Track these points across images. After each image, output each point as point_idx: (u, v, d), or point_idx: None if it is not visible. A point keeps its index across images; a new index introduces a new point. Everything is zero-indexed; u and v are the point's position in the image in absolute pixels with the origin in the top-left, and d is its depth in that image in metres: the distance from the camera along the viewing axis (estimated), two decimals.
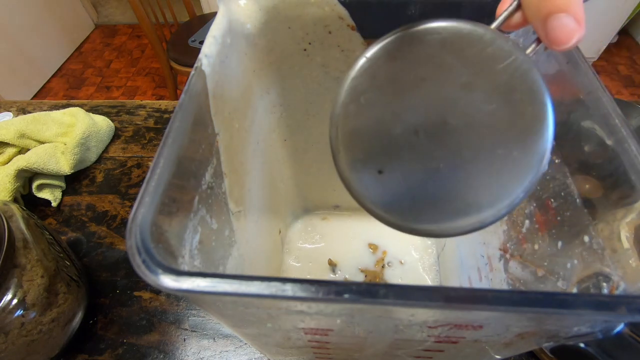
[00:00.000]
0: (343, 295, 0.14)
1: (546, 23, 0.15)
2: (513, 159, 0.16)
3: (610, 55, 1.82)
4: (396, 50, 0.17)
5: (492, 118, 0.16)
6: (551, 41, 0.15)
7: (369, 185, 0.18)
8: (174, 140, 0.18)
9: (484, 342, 0.19)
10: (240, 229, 0.29)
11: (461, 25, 0.16)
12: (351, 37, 0.30)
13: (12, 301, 0.31)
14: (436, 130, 0.17)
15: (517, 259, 0.26)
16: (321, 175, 0.45)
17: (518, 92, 0.16)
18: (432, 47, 0.17)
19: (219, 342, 0.39)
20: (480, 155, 0.16)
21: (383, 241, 0.47)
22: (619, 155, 0.18)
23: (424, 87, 0.17)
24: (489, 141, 0.16)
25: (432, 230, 0.17)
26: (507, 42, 0.16)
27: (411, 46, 0.17)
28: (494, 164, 0.16)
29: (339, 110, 0.18)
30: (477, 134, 0.16)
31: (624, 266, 0.17)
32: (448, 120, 0.17)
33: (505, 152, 0.16)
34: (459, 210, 0.17)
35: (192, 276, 0.14)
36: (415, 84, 0.17)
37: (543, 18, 0.15)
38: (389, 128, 0.17)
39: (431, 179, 0.17)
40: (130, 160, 0.57)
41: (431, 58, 0.17)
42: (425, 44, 0.17)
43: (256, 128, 0.33)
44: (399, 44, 0.17)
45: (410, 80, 0.17)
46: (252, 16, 0.29)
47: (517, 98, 0.16)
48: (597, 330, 0.17)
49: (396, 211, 0.17)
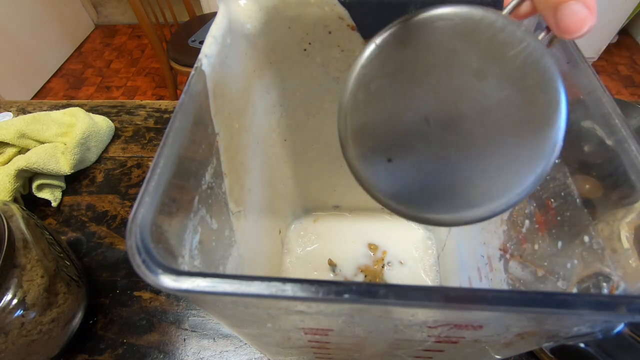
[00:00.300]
0: (343, 295, 0.14)
1: (556, 11, 0.15)
2: (525, 147, 0.16)
3: (610, 55, 1.82)
4: (406, 37, 0.17)
5: (504, 105, 0.16)
6: (562, 30, 0.15)
7: (379, 174, 0.17)
8: (174, 140, 0.18)
9: (484, 342, 0.19)
10: (240, 229, 0.29)
11: (473, 11, 0.16)
12: (351, 37, 0.30)
13: (12, 301, 0.31)
14: (447, 118, 0.17)
15: (517, 259, 0.26)
16: (321, 175, 0.45)
17: (530, 79, 0.16)
18: (442, 33, 0.16)
19: (219, 342, 0.39)
20: (492, 143, 0.16)
21: (383, 241, 0.47)
22: (619, 155, 0.18)
23: (434, 74, 0.17)
24: (501, 129, 0.16)
25: (443, 219, 0.17)
26: (519, 29, 0.16)
27: (421, 32, 0.16)
28: (506, 152, 0.16)
29: (348, 98, 0.17)
30: (489, 121, 0.16)
31: (624, 266, 0.17)
32: (459, 108, 0.16)
33: (518, 140, 0.16)
34: (470, 199, 0.16)
35: (192, 276, 0.14)
36: (426, 71, 0.17)
37: (553, 6, 0.15)
38: (399, 116, 0.17)
39: (442, 167, 0.17)
40: (130, 160, 0.57)
41: (442, 44, 0.16)
42: (435, 30, 0.16)
43: (256, 128, 0.33)
44: (409, 30, 0.17)
45: (420, 67, 0.17)
46: (252, 16, 0.29)
47: (530, 85, 0.16)
48: (597, 330, 0.17)
49: (406, 200, 0.17)
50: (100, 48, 2.08)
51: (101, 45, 2.10)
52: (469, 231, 0.35)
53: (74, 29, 2.05)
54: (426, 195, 0.17)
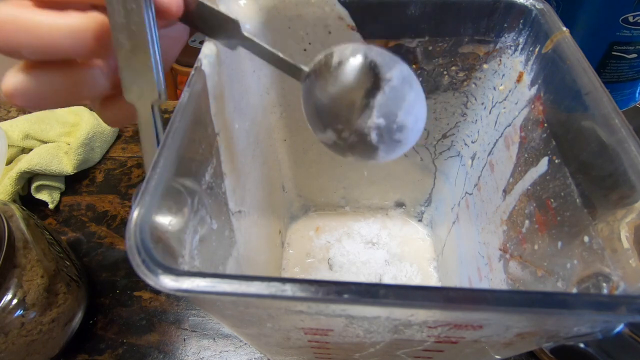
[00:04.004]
0: (343, 295, 0.14)
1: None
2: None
3: None
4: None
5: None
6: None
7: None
8: (174, 140, 0.18)
9: (483, 342, 0.19)
10: (240, 229, 0.29)
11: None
12: (351, 38, 0.30)
13: (12, 301, 0.31)
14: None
15: (517, 259, 0.26)
16: (321, 175, 0.45)
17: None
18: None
19: (219, 342, 0.39)
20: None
21: (383, 241, 0.47)
22: (619, 155, 0.18)
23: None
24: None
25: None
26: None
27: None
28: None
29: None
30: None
31: (624, 266, 0.17)
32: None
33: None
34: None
35: (192, 276, 0.14)
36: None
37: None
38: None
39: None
40: (130, 160, 0.57)
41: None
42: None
43: (256, 128, 0.33)
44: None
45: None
46: (252, 16, 0.29)
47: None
48: (597, 330, 0.17)
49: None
50: None
51: None
52: (469, 231, 0.35)
53: None
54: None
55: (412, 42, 0.30)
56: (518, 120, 0.28)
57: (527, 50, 0.28)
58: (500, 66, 0.30)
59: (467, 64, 0.31)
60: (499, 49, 0.30)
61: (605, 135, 0.19)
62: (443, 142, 0.39)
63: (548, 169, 0.24)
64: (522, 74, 0.28)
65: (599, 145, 0.19)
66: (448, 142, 0.38)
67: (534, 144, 0.26)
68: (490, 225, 0.31)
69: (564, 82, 0.23)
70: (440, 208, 0.45)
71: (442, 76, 0.33)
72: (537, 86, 0.26)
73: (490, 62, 0.31)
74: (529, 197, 0.26)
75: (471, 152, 0.36)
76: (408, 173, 0.43)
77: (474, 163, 0.35)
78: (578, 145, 0.21)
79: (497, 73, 0.31)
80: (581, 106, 0.21)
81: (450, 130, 0.37)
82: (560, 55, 0.23)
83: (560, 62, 0.23)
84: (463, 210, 0.37)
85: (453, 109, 0.35)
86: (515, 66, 0.29)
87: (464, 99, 0.34)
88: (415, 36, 0.30)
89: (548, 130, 0.24)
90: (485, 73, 0.31)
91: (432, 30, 0.29)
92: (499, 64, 0.30)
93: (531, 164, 0.25)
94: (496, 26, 0.29)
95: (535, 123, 0.26)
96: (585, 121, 0.21)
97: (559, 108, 0.24)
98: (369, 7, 0.28)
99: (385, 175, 0.44)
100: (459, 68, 0.32)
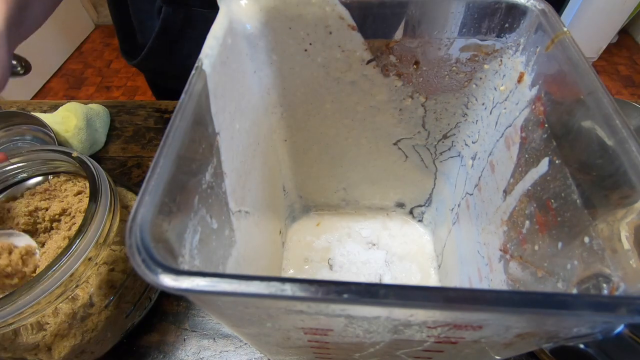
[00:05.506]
0: (343, 295, 0.14)
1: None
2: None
3: (610, 55, 1.82)
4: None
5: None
6: None
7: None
8: (174, 140, 0.18)
9: (483, 343, 0.19)
10: (240, 229, 0.29)
11: None
12: (352, 38, 0.30)
13: None
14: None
15: (517, 259, 0.26)
16: (322, 175, 0.45)
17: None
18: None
19: (219, 342, 0.39)
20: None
21: (383, 241, 0.47)
22: (620, 155, 0.18)
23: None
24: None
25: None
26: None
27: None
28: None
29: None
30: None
31: (624, 267, 0.17)
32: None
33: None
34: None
35: (191, 276, 0.14)
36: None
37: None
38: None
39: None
40: (130, 160, 0.57)
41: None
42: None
43: (256, 128, 0.33)
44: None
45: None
46: (253, 16, 0.29)
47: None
48: (597, 331, 0.17)
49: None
50: (100, 48, 2.08)
51: (101, 45, 2.10)
52: (469, 231, 0.35)
53: (74, 29, 2.05)
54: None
55: (413, 42, 0.30)
56: (519, 121, 0.28)
57: (528, 50, 0.28)
58: (501, 66, 0.30)
59: (468, 65, 0.31)
60: (500, 49, 0.30)
61: (606, 136, 0.19)
62: (444, 142, 0.39)
63: (549, 169, 0.24)
64: (523, 74, 0.28)
65: (600, 145, 0.19)
66: (449, 142, 0.38)
67: (534, 144, 0.26)
68: (491, 226, 0.31)
69: (565, 83, 0.23)
70: (440, 208, 0.45)
71: (443, 77, 0.33)
72: (538, 87, 0.26)
73: (491, 62, 0.31)
74: (530, 197, 0.25)
75: (472, 153, 0.36)
76: (408, 173, 0.43)
77: (475, 163, 0.35)
78: (579, 146, 0.21)
79: (498, 73, 0.31)
80: (582, 107, 0.21)
81: (451, 131, 0.37)
82: (562, 55, 0.23)
83: (562, 62, 0.23)
84: (463, 211, 0.37)
85: (454, 110, 0.35)
86: (516, 66, 0.29)
87: (464, 99, 0.34)
88: (416, 36, 0.30)
89: (549, 131, 0.24)
90: (486, 73, 0.31)
91: (432, 31, 0.29)
92: (499, 65, 0.30)
93: (532, 165, 0.25)
94: (497, 27, 0.28)
95: (536, 123, 0.26)
96: (586, 122, 0.21)
97: (559, 108, 0.24)
98: (370, 7, 0.28)
99: (385, 176, 0.44)
100: (459, 68, 0.32)
